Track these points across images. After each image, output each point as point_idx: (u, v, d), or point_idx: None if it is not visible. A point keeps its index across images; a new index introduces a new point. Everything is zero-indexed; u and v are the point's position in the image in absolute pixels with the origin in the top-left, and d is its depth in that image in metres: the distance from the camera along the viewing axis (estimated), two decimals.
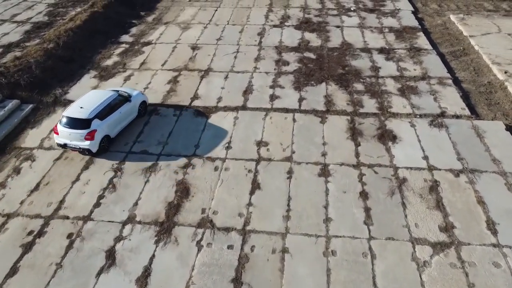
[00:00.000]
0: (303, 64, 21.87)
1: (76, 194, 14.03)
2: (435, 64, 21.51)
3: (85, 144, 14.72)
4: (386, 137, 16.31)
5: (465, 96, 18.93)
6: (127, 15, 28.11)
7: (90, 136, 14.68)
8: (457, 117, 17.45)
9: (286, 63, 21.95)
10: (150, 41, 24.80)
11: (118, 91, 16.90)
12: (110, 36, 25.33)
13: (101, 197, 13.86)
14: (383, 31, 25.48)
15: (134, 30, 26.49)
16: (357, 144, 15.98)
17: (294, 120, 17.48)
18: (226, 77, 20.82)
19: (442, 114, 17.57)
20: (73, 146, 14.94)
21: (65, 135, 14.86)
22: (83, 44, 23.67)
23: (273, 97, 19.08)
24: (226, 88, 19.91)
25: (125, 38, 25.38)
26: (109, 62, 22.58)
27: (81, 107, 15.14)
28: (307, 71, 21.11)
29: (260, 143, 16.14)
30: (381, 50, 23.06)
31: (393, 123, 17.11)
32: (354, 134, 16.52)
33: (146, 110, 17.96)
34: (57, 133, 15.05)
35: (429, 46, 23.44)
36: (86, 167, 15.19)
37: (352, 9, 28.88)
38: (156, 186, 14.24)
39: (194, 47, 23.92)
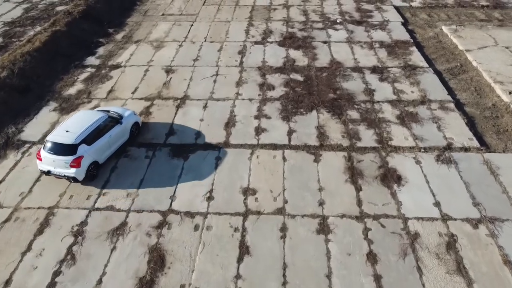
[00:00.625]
0: (290, 88, 19.73)
1: (26, 270, 11.54)
2: (433, 85, 19.69)
3: (71, 171, 13.50)
4: (390, 178, 14.30)
5: (471, 123, 17.12)
6: (94, 33, 25.44)
7: (76, 163, 13.45)
8: (466, 149, 15.60)
9: (271, 87, 19.77)
10: (119, 64, 22.26)
11: (108, 111, 15.76)
12: (73, 59, 22.68)
13: (57, 273, 11.40)
14: (373, 46, 23.58)
15: (101, 50, 23.88)
16: (358, 188, 13.92)
17: (284, 159, 15.31)
18: (205, 106, 18.51)
19: (449, 147, 15.68)
20: (58, 174, 13.70)
21: (49, 162, 13.62)
22: (43, 70, 20.98)
23: (259, 130, 16.87)
24: (206, 120, 17.60)
25: (91, 60, 22.76)
26: (71, 90, 19.96)
27: (66, 131, 13.84)
28: (295, 97, 18.99)
29: (247, 191, 13.91)
30: (373, 69, 21.13)
31: (396, 160, 15.12)
32: (354, 175, 14.46)
33: (139, 132, 16.56)
34: (40, 159, 13.79)
35: (424, 63, 21.64)
36: (40, 230, 12.70)
37: (338, 21, 26.92)
38: (124, 255, 11.85)
39: (169, 70, 21.50)
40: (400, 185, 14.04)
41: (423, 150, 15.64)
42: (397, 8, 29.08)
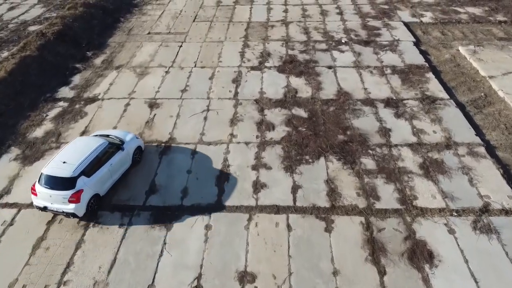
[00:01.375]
0: (293, 127, 16.99)
1: None
2: (457, 122, 17.04)
3: (70, 207, 12.17)
4: (419, 255, 11.62)
5: (508, 175, 14.44)
6: (70, 57, 22.59)
7: (75, 198, 12.13)
8: (507, 212, 12.92)
9: (271, 127, 17.03)
10: (96, 96, 19.42)
11: (107, 135, 14.55)
12: (44, 90, 19.82)
13: None
14: (384, 72, 20.88)
15: (77, 79, 21.02)
16: (382, 272, 11.21)
17: (289, 227, 12.58)
18: (193, 153, 15.74)
19: (486, 209, 13.02)
20: (55, 210, 12.32)
21: (45, 197, 12.24)
22: (6, 106, 18.11)
23: (257, 186, 14.13)
24: (194, 172, 14.83)
25: (64, 91, 19.91)
26: (38, 132, 17.12)
27: (63, 162, 12.50)
28: (299, 139, 16.24)
29: (243, 277, 11.17)
30: (387, 102, 18.43)
31: (425, 228, 12.44)
32: (375, 251, 11.75)
33: (142, 157, 15.19)
34: (35, 194, 12.41)
35: (444, 94, 18.98)
36: None
37: (343, 41, 24.20)
38: None
39: (153, 104, 18.69)
40: (432, 265, 11.35)
41: (455, 214, 12.94)
42: (406, 25, 26.42)
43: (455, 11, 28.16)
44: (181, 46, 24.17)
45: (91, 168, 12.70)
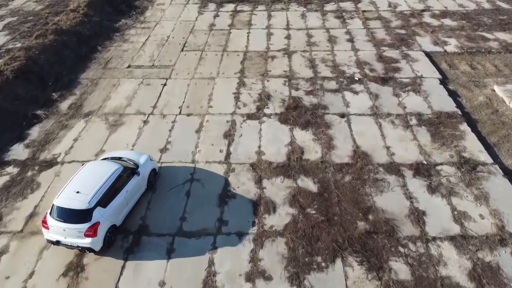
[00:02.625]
0: (299, 208, 13.27)
1: None
2: (509, 200, 13.21)
3: (86, 241, 11.09)
4: None
5: None
6: (31, 101, 18.88)
7: (92, 232, 11.06)
8: None
9: (271, 207, 13.30)
10: (54, 158, 15.70)
11: (119, 158, 13.48)
12: None
13: None
14: (409, 122, 17.14)
15: (35, 131, 17.30)
16: None
17: None
18: (170, 251, 12.03)
19: None
20: (69, 244, 11.25)
21: (58, 231, 11.16)
22: None
23: None
24: (169, 283, 11.02)
25: (17, 151, 16.17)
26: None
27: (77, 192, 11.39)
28: (308, 228, 12.54)
29: None
30: (416, 169, 14.69)
31: None
32: None
33: (156, 180, 14.17)
34: (46, 228, 11.30)
35: (486, 156, 15.28)
36: None
37: (356, 78, 20.44)
38: None
39: None
40: None
41: None
42: (428, 55, 22.66)
43: (483, 38, 24.40)
44: (165, 84, 20.42)
45: (107, 197, 11.61)
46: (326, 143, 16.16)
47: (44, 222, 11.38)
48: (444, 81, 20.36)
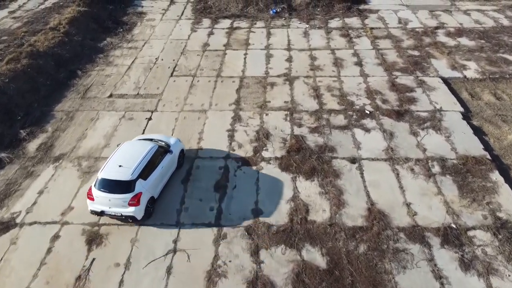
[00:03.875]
0: None
1: None
2: None
3: (129, 210, 12.09)
4: None
5: None
6: None
7: (135, 201, 12.06)
8: None
9: None
10: (13, 218, 13.22)
11: (151, 139, 14.42)
12: None
13: None
14: (431, 170, 14.67)
15: None
16: None
17: None
18: None
19: None
20: (113, 214, 12.25)
21: (103, 201, 12.12)
22: None
23: None
24: None
25: None
26: None
27: (119, 166, 12.38)
28: None
29: None
30: (444, 236, 12.30)
31: None
32: None
33: (184, 161, 15.01)
34: (92, 199, 12.24)
35: None
36: None
37: (367, 111, 17.93)
38: None
39: (93, 238, 12.42)
40: None
41: None
42: (447, 82, 20.22)
43: (506, 60, 21.95)
44: (150, 118, 17.94)
45: (146, 171, 12.61)
46: (335, 198, 13.65)
47: (89, 193, 12.32)
48: (467, 115, 17.89)
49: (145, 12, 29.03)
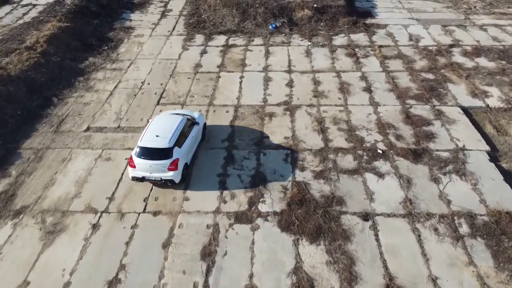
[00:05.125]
0: None
1: None
2: None
3: (169, 175, 13.50)
4: None
5: None
6: None
7: (174, 166, 13.47)
8: None
9: None
10: None
11: (178, 114, 15.64)
12: None
13: None
14: (458, 231, 12.39)
15: None
16: None
17: None
18: None
19: None
20: (153, 179, 13.66)
21: (144, 168, 13.48)
22: None
23: None
24: None
25: None
26: None
27: (156, 136, 13.78)
28: None
29: None
30: None
31: None
32: None
33: (206, 134, 16.44)
34: (133, 166, 13.57)
35: None
36: None
37: (380, 150, 15.57)
38: None
39: None
40: None
41: None
42: (467, 112, 17.95)
43: None
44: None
45: (180, 139, 13.98)
46: (346, 269, 11.29)
47: (131, 161, 13.58)
48: (494, 155, 15.52)
49: (133, 27, 26.67)
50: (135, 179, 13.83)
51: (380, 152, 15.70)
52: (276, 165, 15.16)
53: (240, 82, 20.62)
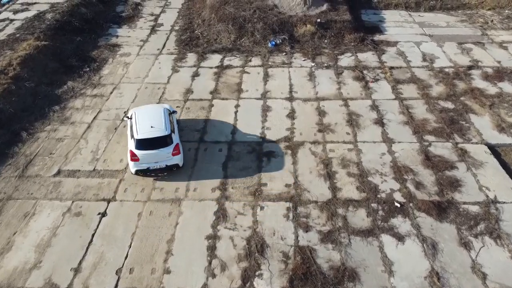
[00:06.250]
0: None
1: None
2: None
3: (174, 160, 14.20)
4: None
5: None
6: None
7: (177, 150, 14.22)
8: None
9: None
10: None
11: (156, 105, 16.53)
12: None
13: None
14: None
15: None
16: None
17: None
18: None
19: None
20: (158, 167, 14.11)
21: (149, 158, 13.88)
22: None
23: None
24: None
25: None
26: None
27: (151, 127, 14.17)
28: None
29: None
30: None
31: None
32: None
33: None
34: (137, 160, 13.83)
35: None
36: None
37: (397, 204, 13.19)
38: None
39: None
40: None
41: None
42: (495, 152, 15.64)
43: None
44: (104, 214, 13.21)
45: (171, 127, 14.57)
46: None
47: (132, 155, 13.77)
48: None
49: (120, 44, 24.31)
50: (139, 172, 14.08)
51: (398, 205, 13.33)
52: (276, 224, 12.81)
53: (236, 112, 18.28)
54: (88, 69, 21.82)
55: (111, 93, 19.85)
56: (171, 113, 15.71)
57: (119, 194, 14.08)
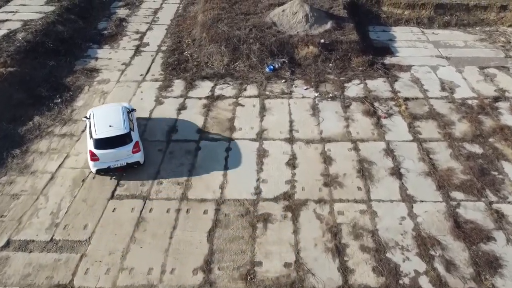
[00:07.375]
0: None
1: None
2: None
3: (135, 157, 14.27)
4: None
5: None
6: None
7: (137, 148, 14.29)
8: None
9: None
10: None
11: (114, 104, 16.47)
12: None
13: None
14: None
15: None
16: None
17: None
18: None
19: None
20: (119, 165, 14.11)
21: (109, 157, 13.88)
22: None
23: None
24: None
25: None
26: None
27: (110, 126, 14.13)
28: None
29: None
30: None
31: None
32: None
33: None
34: (96, 159, 13.81)
35: None
36: None
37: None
38: None
39: None
40: None
41: None
42: None
43: None
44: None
45: (130, 125, 14.56)
46: None
47: (92, 155, 13.69)
48: None
49: (99, 68, 21.56)
50: (100, 171, 13.99)
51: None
52: None
53: (226, 158, 15.54)
54: (59, 100, 19.10)
55: (83, 131, 17.05)
56: (130, 111, 15.54)
57: (78, 276, 11.32)
